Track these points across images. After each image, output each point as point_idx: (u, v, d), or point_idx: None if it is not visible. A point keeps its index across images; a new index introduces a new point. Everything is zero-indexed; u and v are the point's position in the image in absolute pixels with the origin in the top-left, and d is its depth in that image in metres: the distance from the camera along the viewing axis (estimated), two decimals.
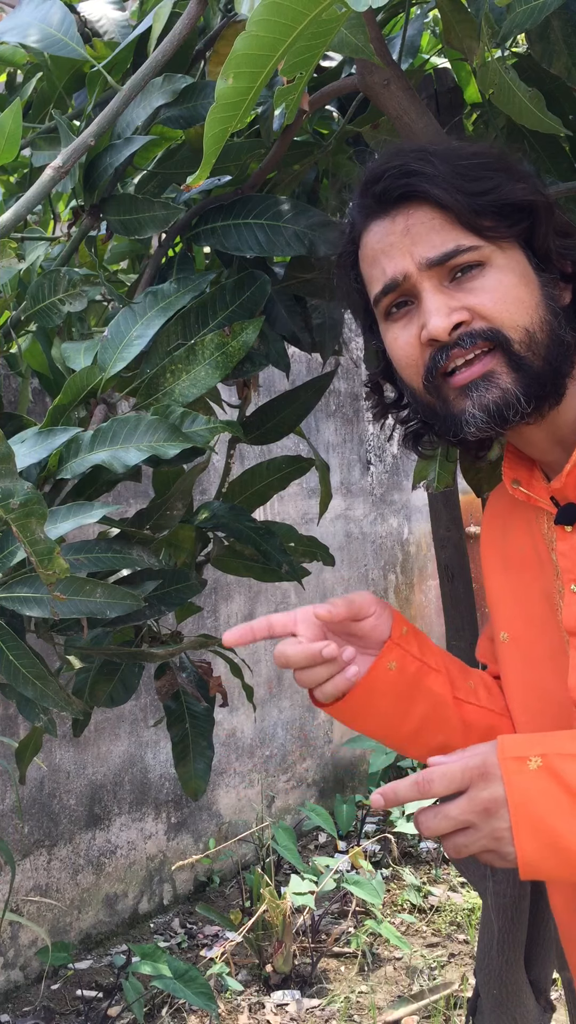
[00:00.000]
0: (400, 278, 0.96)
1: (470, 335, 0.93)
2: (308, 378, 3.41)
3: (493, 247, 0.95)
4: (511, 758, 0.84)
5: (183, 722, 1.50)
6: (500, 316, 0.93)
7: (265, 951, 3.23)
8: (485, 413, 0.94)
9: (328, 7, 0.80)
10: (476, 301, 0.94)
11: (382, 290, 0.98)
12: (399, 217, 0.97)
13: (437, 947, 3.35)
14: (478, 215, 0.94)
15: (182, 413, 1.21)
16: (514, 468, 1.06)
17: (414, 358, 0.98)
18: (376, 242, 0.99)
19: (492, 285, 0.94)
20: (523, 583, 1.08)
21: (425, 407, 1.01)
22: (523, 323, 0.94)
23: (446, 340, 0.94)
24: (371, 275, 1.01)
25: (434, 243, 0.95)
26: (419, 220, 0.96)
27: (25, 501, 0.95)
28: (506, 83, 1.03)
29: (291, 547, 1.60)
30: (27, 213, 1.14)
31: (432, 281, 0.95)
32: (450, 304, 0.94)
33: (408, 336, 0.98)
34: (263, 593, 4.03)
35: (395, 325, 1.00)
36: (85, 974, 3.16)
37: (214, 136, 0.91)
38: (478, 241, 0.94)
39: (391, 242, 0.97)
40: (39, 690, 1.16)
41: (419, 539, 5.02)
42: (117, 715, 3.40)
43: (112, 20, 1.41)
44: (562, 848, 0.82)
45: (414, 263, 0.95)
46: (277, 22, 0.80)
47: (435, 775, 0.85)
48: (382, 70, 1.20)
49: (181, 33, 1.14)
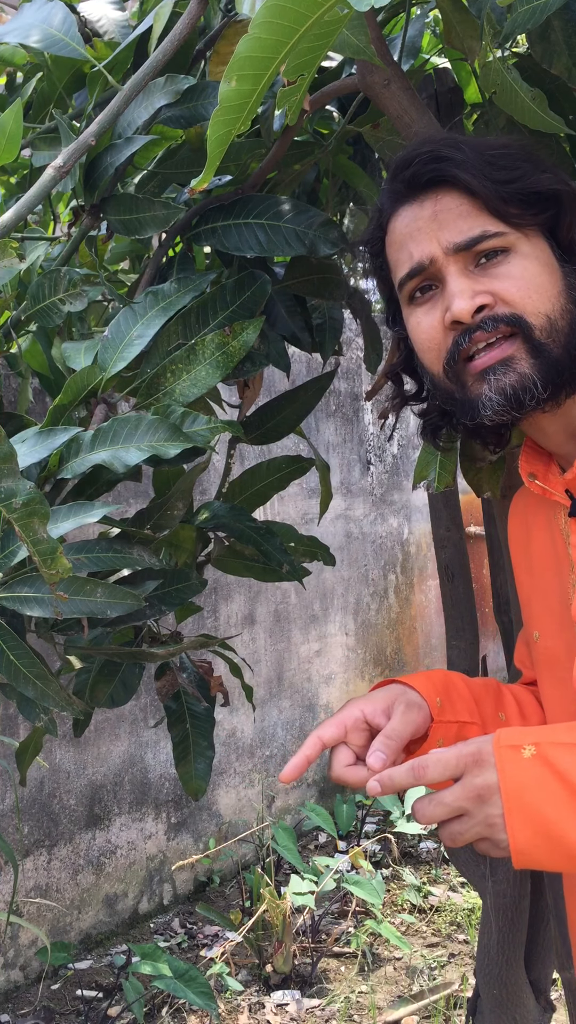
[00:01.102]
0: (426, 262, 0.98)
1: (492, 319, 0.95)
2: (308, 378, 3.41)
3: (518, 234, 0.96)
4: (506, 746, 0.85)
5: (184, 722, 1.50)
6: (522, 302, 0.95)
7: (265, 951, 3.23)
8: (502, 396, 0.95)
9: (330, 8, 0.80)
10: (500, 286, 0.95)
11: (408, 273, 1.00)
12: (427, 202, 0.98)
13: (437, 947, 3.35)
14: (505, 202, 0.95)
15: (182, 413, 1.21)
16: (531, 462, 1.07)
17: (436, 341, 0.99)
18: (404, 227, 1.00)
19: (516, 272, 0.95)
20: (545, 580, 1.09)
21: (444, 393, 1.02)
22: (544, 310, 0.95)
23: (469, 322, 0.95)
24: (397, 259, 1.02)
25: (461, 228, 0.96)
26: (447, 206, 0.97)
27: (28, 501, 0.95)
28: (508, 83, 1.03)
29: (291, 547, 1.60)
30: (28, 213, 1.14)
31: (457, 265, 0.96)
32: (474, 287, 0.95)
33: (431, 320, 0.99)
34: (263, 593, 4.03)
35: (418, 309, 1.01)
36: (85, 974, 3.16)
37: (218, 139, 0.91)
38: (504, 228, 0.96)
39: (418, 227, 0.99)
40: (40, 690, 1.16)
41: (419, 539, 5.02)
42: (117, 715, 3.40)
43: (112, 20, 1.41)
44: (554, 836, 0.82)
45: (440, 247, 0.97)
46: (279, 24, 0.80)
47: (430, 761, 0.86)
48: (382, 70, 1.20)
49: (182, 33, 1.14)
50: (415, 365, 1.08)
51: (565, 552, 1.04)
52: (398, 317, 1.07)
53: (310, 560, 1.64)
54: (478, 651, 1.87)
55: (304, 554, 1.63)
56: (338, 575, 4.45)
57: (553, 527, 1.07)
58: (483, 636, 2.06)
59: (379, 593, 4.74)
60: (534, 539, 1.11)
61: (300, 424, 1.57)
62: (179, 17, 1.16)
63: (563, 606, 1.05)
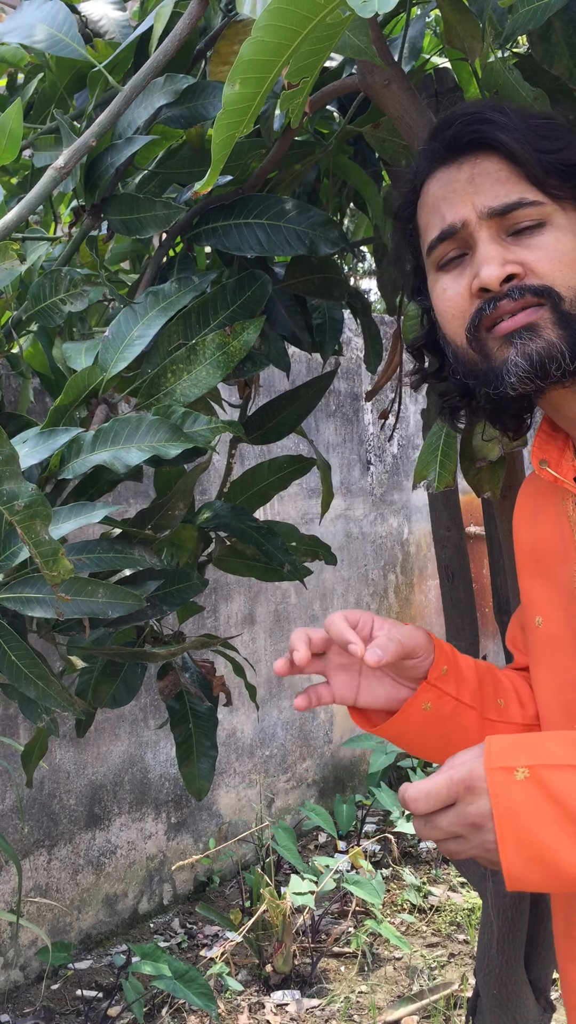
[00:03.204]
0: (459, 225, 0.95)
1: (520, 288, 0.92)
2: (308, 378, 3.41)
3: (555, 206, 0.93)
4: (498, 768, 0.83)
5: (187, 722, 1.50)
6: (553, 275, 0.92)
7: (265, 951, 3.23)
8: (528, 362, 0.92)
9: (332, 11, 0.80)
10: (532, 257, 0.92)
11: (438, 236, 0.97)
12: (465, 165, 0.95)
13: (437, 947, 3.35)
14: (546, 172, 0.93)
15: (183, 413, 1.21)
16: (543, 448, 1.05)
17: (461, 309, 0.96)
18: (438, 189, 0.97)
19: (550, 244, 0.93)
20: (552, 568, 1.07)
21: (466, 364, 0.99)
22: (574, 284, 0.92)
23: (496, 290, 0.92)
24: (428, 222, 0.99)
25: (498, 193, 0.93)
26: (485, 170, 0.94)
27: (30, 503, 0.95)
28: (510, 84, 1.03)
29: (292, 547, 1.60)
30: (29, 214, 1.14)
31: (490, 231, 0.94)
32: (505, 255, 0.93)
33: (458, 287, 0.96)
34: (263, 593, 4.03)
35: (446, 276, 0.98)
36: (85, 974, 3.16)
37: (222, 142, 0.91)
38: (542, 198, 0.93)
39: (454, 188, 0.96)
40: (41, 690, 1.16)
41: (419, 539, 5.02)
42: (117, 715, 3.40)
43: (113, 20, 1.41)
44: (548, 860, 0.81)
45: (475, 211, 0.94)
46: (282, 27, 0.81)
47: (420, 795, 0.85)
48: (383, 70, 1.20)
49: (182, 33, 1.14)
50: (437, 339, 1.05)
51: (572, 540, 1.03)
52: (423, 288, 1.04)
53: (311, 560, 1.64)
54: (478, 651, 1.87)
55: (305, 554, 1.63)
56: (338, 575, 4.45)
57: (561, 514, 1.06)
58: (483, 636, 2.07)
59: (379, 593, 4.74)
60: (540, 523, 1.10)
61: (300, 424, 1.57)
62: (179, 17, 1.16)
63: (568, 595, 1.03)
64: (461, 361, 1.00)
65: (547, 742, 0.86)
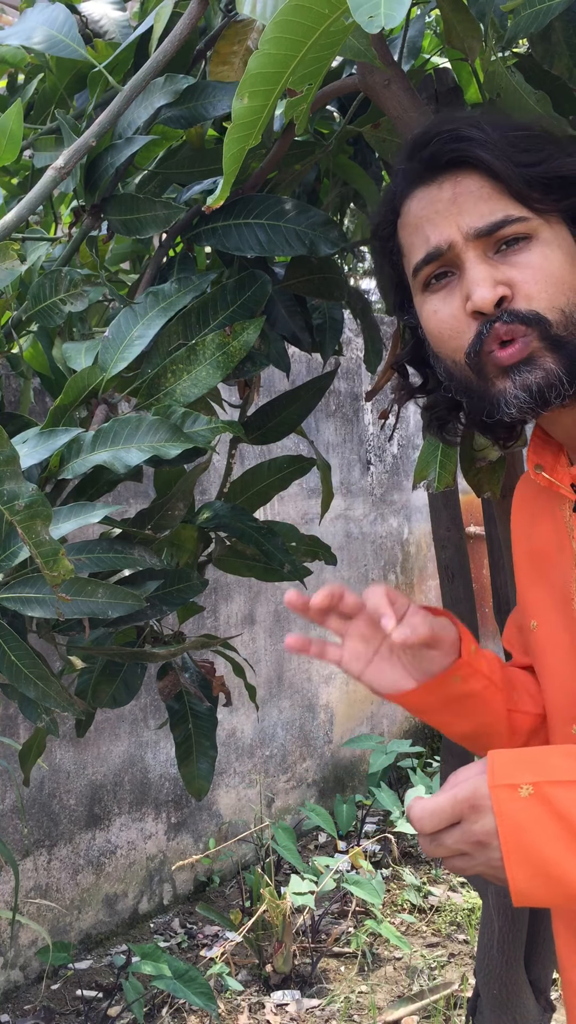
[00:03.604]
0: (444, 247, 0.94)
1: (510, 314, 0.91)
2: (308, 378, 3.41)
3: (540, 220, 0.93)
4: (502, 786, 0.83)
5: (186, 722, 1.50)
6: (539, 296, 0.91)
7: (265, 951, 3.23)
8: (527, 393, 0.91)
9: (336, 20, 0.80)
10: (520, 277, 0.91)
11: (424, 258, 0.96)
12: (446, 184, 0.94)
13: (437, 947, 3.35)
14: (528, 186, 0.92)
15: (183, 413, 1.21)
16: (539, 453, 1.04)
17: (458, 330, 0.95)
18: (420, 209, 0.96)
19: (537, 261, 0.92)
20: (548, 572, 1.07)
21: (461, 383, 0.98)
22: (560, 304, 0.92)
23: (490, 313, 0.92)
24: (412, 243, 0.98)
25: (482, 212, 0.92)
26: (467, 188, 0.93)
27: (30, 503, 0.95)
28: (512, 86, 1.03)
29: (292, 547, 1.60)
30: (29, 214, 1.14)
31: (477, 251, 0.93)
32: (495, 276, 0.92)
33: (451, 308, 0.95)
34: (263, 593, 4.03)
35: (434, 297, 0.97)
36: (85, 974, 3.16)
37: (233, 156, 0.92)
38: (526, 213, 0.92)
39: (436, 209, 0.94)
40: (41, 690, 1.16)
41: (419, 539, 5.02)
42: (117, 715, 3.40)
43: (113, 20, 1.41)
44: (554, 877, 0.81)
45: (460, 233, 0.93)
46: (288, 39, 0.81)
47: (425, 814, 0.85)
48: (383, 71, 1.20)
49: (182, 33, 1.14)
50: (423, 355, 1.04)
51: (569, 546, 1.03)
52: (407, 305, 1.03)
53: (311, 560, 1.64)
54: None
55: (305, 554, 1.63)
56: (338, 575, 4.45)
57: (557, 518, 1.06)
58: (483, 636, 2.06)
59: None
60: (538, 527, 1.10)
61: (300, 424, 1.57)
62: (179, 17, 1.16)
63: (565, 601, 1.03)
64: (456, 379, 0.99)
65: (551, 757, 0.86)
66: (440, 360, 1.00)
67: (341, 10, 0.78)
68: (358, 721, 4.57)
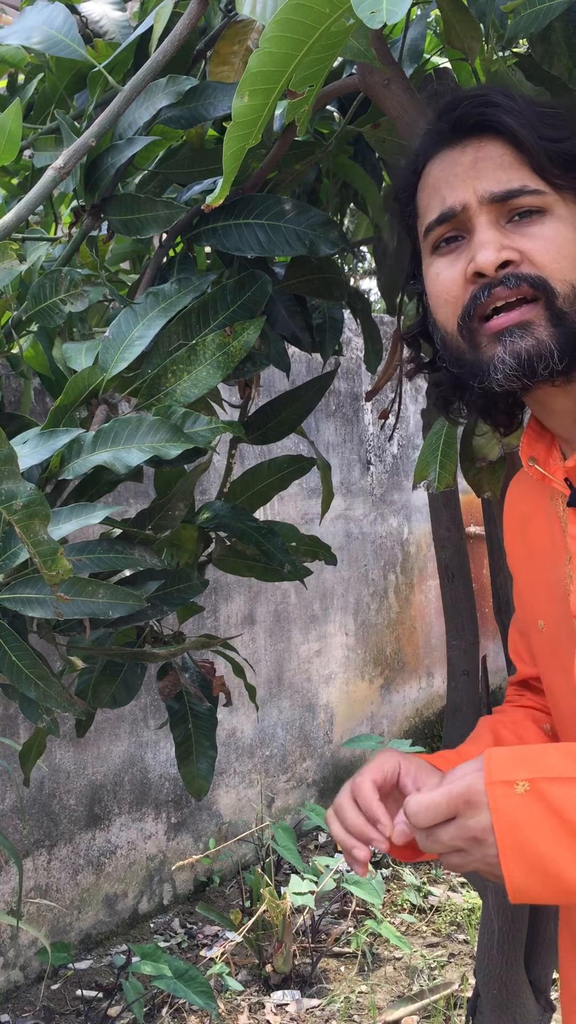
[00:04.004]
0: (458, 208, 0.93)
1: (516, 276, 0.90)
2: (308, 378, 3.41)
3: (557, 196, 0.92)
4: (498, 783, 0.83)
5: (186, 722, 1.50)
6: (550, 266, 0.90)
7: (265, 951, 3.23)
8: (516, 360, 0.90)
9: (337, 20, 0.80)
10: (530, 246, 0.91)
11: (437, 218, 0.95)
12: (469, 148, 0.94)
13: (437, 947, 3.35)
14: (550, 160, 0.91)
15: (184, 413, 1.21)
16: (532, 445, 1.04)
17: (455, 294, 0.95)
18: (440, 171, 0.96)
19: (549, 234, 0.91)
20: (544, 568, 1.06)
21: (454, 353, 0.97)
22: (570, 278, 0.91)
23: (492, 276, 0.91)
24: (428, 204, 0.97)
25: (500, 179, 0.92)
26: (489, 154, 0.93)
27: (28, 503, 0.95)
28: (513, 86, 1.03)
29: (293, 547, 1.60)
30: (29, 214, 1.14)
31: (489, 216, 0.92)
32: (503, 241, 0.91)
33: (453, 272, 0.95)
34: (263, 593, 4.03)
35: (441, 260, 0.96)
36: (85, 974, 3.16)
37: (233, 154, 0.92)
38: (544, 187, 0.91)
39: (456, 172, 0.94)
40: (42, 691, 1.16)
41: (419, 539, 5.02)
42: (117, 715, 3.40)
43: (113, 20, 1.41)
44: (551, 873, 0.81)
45: (475, 196, 0.92)
46: (289, 38, 0.81)
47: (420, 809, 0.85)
48: (383, 70, 1.20)
49: (182, 33, 1.14)
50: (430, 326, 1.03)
51: (563, 541, 1.02)
52: (418, 273, 1.02)
53: (311, 560, 1.64)
54: (478, 651, 1.87)
55: (305, 554, 1.63)
56: (338, 575, 4.45)
57: (551, 513, 1.05)
58: (483, 636, 2.06)
59: (379, 593, 4.74)
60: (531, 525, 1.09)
61: (300, 424, 1.57)
62: (179, 17, 1.16)
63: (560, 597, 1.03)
64: (449, 349, 0.98)
65: (548, 755, 0.86)
66: (437, 329, 1.00)
67: (342, 9, 0.78)
68: (358, 721, 4.57)
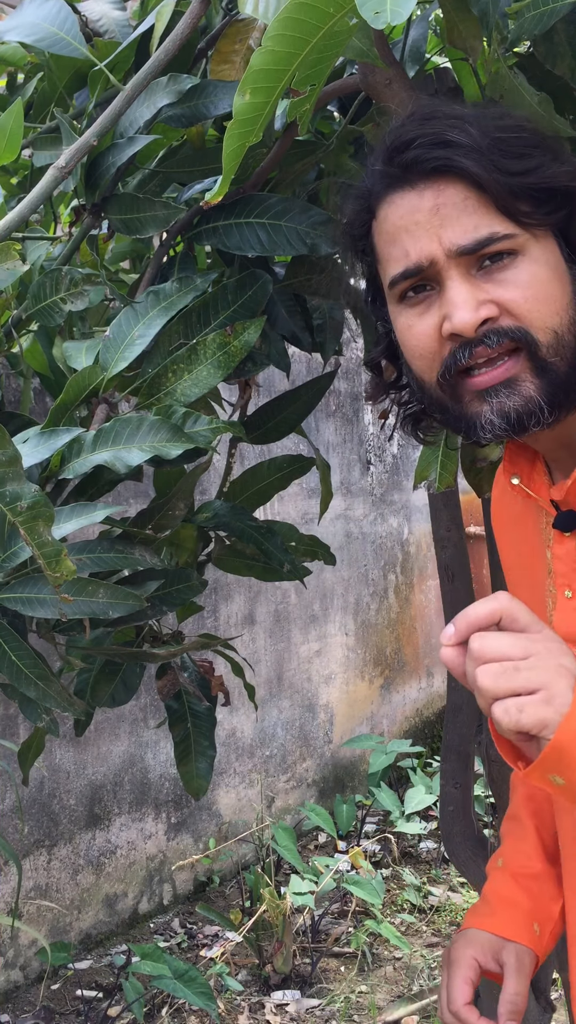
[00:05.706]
0: (425, 263, 0.87)
1: (497, 332, 0.86)
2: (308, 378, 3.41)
3: (528, 235, 0.86)
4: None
5: (185, 722, 1.50)
6: (530, 315, 0.86)
7: (265, 951, 3.23)
8: (504, 420, 0.87)
9: (340, 19, 0.80)
10: (507, 296, 0.86)
11: (402, 273, 0.89)
12: (428, 192, 0.87)
13: (437, 947, 3.35)
14: (516, 198, 0.86)
15: (184, 413, 1.21)
16: (514, 462, 1.00)
17: (431, 349, 0.90)
18: (399, 218, 0.89)
19: (524, 279, 0.86)
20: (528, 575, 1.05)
21: (435, 402, 0.93)
22: (552, 324, 0.86)
23: (471, 336, 0.86)
24: (389, 254, 0.91)
25: (466, 227, 0.86)
26: (450, 199, 0.86)
27: (32, 504, 0.95)
28: (515, 87, 1.03)
29: (292, 546, 1.60)
30: (30, 214, 1.14)
31: (459, 269, 0.86)
32: (478, 297, 0.86)
33: (425, 327, 0.89)
34: (263, 593, 4.03)
35: (411, 311, 0.91)
36: (85, 974, 3.16)
37: (233, 152, 0.92)
38: (513, 228, 0.86)
39: (417, 220, 0.88)
40: (41, 690, 1.16)
41: (419, 539, 5.02)
42: (117, 715, 3.40)
43: (113, 20, 1.41)
44: None
45: (442, 248, 0.86)
46: (292, 36, 0.81)
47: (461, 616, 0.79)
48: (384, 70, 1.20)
49: (183, 32, 1.14)
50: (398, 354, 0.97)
51: (544, 556, 1.00)
52: (380, 304, 0.97)
53: (311, 559, 1.64)
54: None
55: (305, 553, 1.63)
56: (338, 575, 4.45)
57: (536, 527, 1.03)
58: None
59: (379, 593, 4.74)
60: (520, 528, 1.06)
61: (300, 424, 1.57)
62: (180, 16, 1.16)
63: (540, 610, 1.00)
64: (429, 397, 0.94)
65: None
66: (412, 374, 0.95)
67: (346, 9, 0.78)
68: (358, 721, 4.57)
